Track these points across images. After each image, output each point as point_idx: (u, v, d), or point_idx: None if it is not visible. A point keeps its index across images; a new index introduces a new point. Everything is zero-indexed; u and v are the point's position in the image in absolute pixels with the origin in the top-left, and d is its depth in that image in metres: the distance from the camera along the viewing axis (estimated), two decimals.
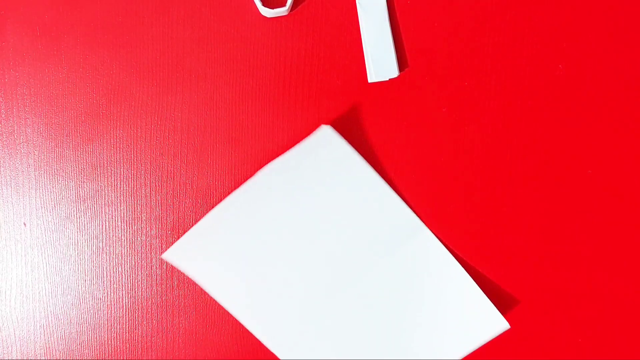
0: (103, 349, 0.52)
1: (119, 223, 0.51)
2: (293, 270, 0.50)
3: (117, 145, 0.51)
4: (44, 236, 0.51)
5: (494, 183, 0.52)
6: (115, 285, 0.52)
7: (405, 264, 0.51)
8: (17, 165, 0.51)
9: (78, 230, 0.51)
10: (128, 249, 0.51)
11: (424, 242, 0.51)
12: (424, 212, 0.52)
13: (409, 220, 0.51)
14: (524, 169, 0.52)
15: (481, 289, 0.52)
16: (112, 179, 0.51)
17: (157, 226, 0.51)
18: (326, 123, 0.51)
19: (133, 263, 0.52)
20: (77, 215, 0.51)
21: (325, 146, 0.49)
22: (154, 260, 0.52)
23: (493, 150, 0.52)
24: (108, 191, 0.51)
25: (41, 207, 0.51)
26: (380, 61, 0.50)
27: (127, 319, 0.52)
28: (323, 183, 0.50)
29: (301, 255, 0.50)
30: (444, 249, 0.51)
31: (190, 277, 0.50)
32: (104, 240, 0.51)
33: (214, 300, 0.52)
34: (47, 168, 0.51)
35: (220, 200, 0.51)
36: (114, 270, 0.52)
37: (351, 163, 0.50)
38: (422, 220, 0.51)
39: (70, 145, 0.51)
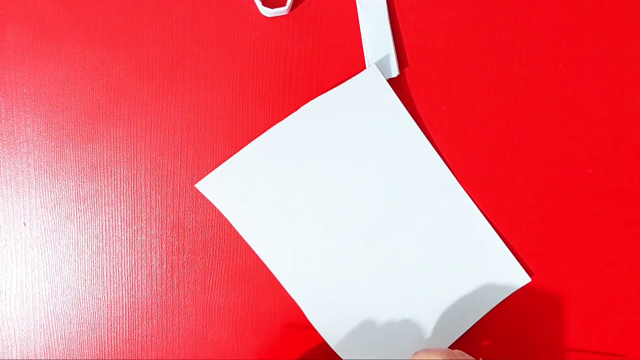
0: (103, 349, 0.52)
1: (119, 223, 0.51)
2: (322, 212, 0.50)
3: (117, 145, 0.51)
4: (44, 236, 0.51)
5: (493, 182, 0.52)
6: (115, 285, 0.52)
7: (437, 218, 0.51)
8: (17, 165, 0.51)
9: (78, 230, 0.51)
10: (128, 249, 0.51)
11: (456, 198, 0.51)
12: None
13: (443, 175, 0.51)
14: (524, 168, 0.52)
15: None
16: (112, 178, 0.51)
17: (157, 226, 0.51)
18: None
19: (133, 263, 0.52)
20: (77, 215, 0.51)
21: (370, 87, 0.50)
22: (154, 260, 0.52)
23: (493, 149, 0.52)
24: (108, 191, 0.51)
25: (41, 206, 0.51)
26: (380, 61, 0.50)
27: (127, 319, 0.52)
28: (363, 125, 0.50)
29: (332, 197, 0.50)
30: (474, 205, 0.51)
31: (220, 209, 0.50)
32: (104, 240, 0.51)
33: (213, 300, 0.52)
34: (47, 168, 0.51)
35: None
36: (114, 270, 0.52)
37: (392, 109, 0.50)
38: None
39: (70, 145, 0.51)
